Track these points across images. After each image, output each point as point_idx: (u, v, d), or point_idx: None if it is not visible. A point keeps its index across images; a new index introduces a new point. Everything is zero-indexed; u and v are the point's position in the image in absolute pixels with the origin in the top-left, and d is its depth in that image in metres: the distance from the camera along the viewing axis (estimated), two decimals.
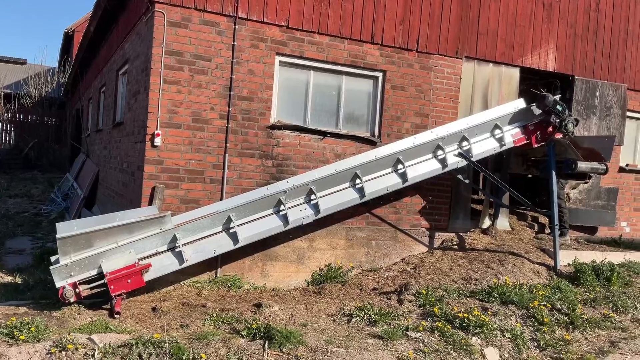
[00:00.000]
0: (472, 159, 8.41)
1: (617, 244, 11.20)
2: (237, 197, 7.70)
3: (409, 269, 9.04)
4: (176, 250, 6.84)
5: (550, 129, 8.83)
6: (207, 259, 7.28)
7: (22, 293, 7.80)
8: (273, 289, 8.44)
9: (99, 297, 6.85)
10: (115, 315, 6.46)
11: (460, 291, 8.15)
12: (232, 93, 8.18)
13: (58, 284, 6.28)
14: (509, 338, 6.85)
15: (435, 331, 6.78)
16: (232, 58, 8.18)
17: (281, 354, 5.84)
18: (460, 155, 8.38)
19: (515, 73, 10.31)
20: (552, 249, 9.28)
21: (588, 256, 9.45)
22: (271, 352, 5.83)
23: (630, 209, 11.80)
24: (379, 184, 7.90)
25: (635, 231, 11.86)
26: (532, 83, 10.87)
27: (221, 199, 8.13)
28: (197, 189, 8.07)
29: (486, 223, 10.23)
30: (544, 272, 8.83)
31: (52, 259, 6.84)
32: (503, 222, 10.30)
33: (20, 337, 5.59)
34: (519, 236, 10.19)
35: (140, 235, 6.65)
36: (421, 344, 6.51)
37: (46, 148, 25.32)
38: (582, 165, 8.80)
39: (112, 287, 6.42)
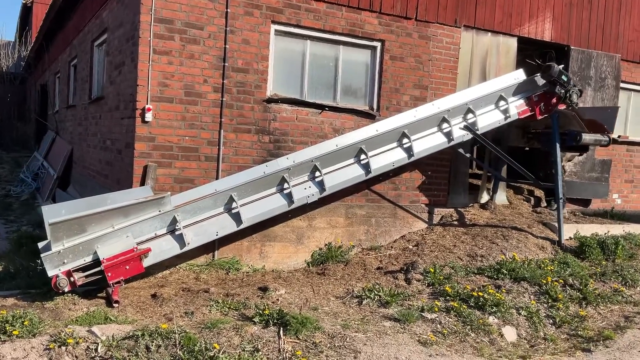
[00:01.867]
0: (477, 131, 8.11)
1: (609, 215, 11.14)
2: (236, 175, 7.25)
3: (410, 247, 8.76)
4: (176, 233, 6.38)
5: (554, 100, 8.60)
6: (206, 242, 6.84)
7: (4, 282, 7.24)
8: (273, 271, 8.06)
9: (93, 284, 6.36)
10: (114, 305, 6.00)
11: (468, 268, 7.92)
12: (226, 64, 7.66)
13: (50, 273, 5.77)
14: (524, 316, 6.65)
15: (451, 311, 6.53)
16: (226, 26, 7.63)
17: (298, 341, 5.49)
18: (466, 128, 8.07)
19: (513, 43, 10.01)
20: (554, 223, 9.14)
21: (588, 229, 9.35)
22: (287, 340, 5.48)
23: (621, 181, 11.76)
24: (384, 159, 7.55)
25: (626, 203, 11.85)
26: (528, 54, 10.59)
27: (217, 178, 7.66)
28: (191, 167, 7.57)
29: (484, 198, 10.02)
30: (548, 246, 8.67)
31: (40, 245, 6.29)
32: (501, 196, 10.10)
33: (14, 332, 5.10)
34: (518, 210, 10.02)
35: (138, 218, 6.16)
36: (438, 325, 6.25)
37: (8, 126, 24.14)
38: (587, 137, 8.61)
39: (109, 274, 5.94)
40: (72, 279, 5.81)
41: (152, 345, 5.12)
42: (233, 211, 6.70)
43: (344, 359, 5.18)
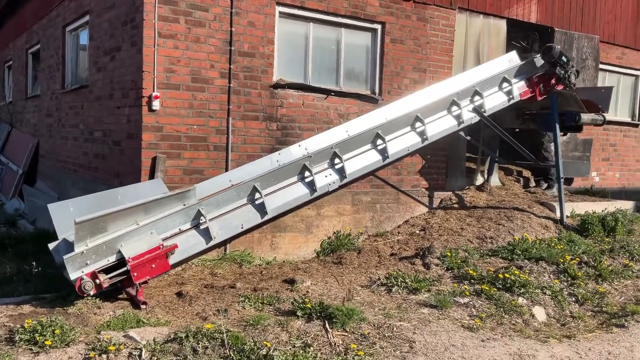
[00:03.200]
0: (485, 114, 8.10)
1: (590, 193, 11.47)
2: (249, 165, 6.93)
3: (417, 232, 8.70)
4: (201, 227, 6.03)
5: (553, 81, 8.69)
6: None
7: (1, 287, 6.69)
8: (285, 262, 7.80)
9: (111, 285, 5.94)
10: (142, 306, 5.61)
11: (480, 251, 7.93)
12: (232, 48, 7.29)
13: (73, 275, 5.32)
14: (549, 295, 6.70)
15: (482, 295, 6.51)
16: (231, 8, 7.25)
17: (346, 334, 5.31)
18: (474, 110, 8.03)
19: (503, 25, 10.06)
20: (552, 202, 9.31)
21: (583, 207, 9.57)
22: (335, 333, 5.29)
23: (599, 159, 12.12)
24: (400, 144, 7.41)
25: (604, 180, 12.23)
26: (512, 36, 10.69)
27: (226, 168, 7.32)
28: (200, 157, 7.19)
29: (479, 180, 10.08)
30: (551, 225, 8.80)
31: (51, 246, 5.82)
32: (494, 178, 10.19)
33: (46, 342, 4.68)
34: (512, 191, 10.14)
35: (162, 213, 5.77)
36: (473, 310, 6.21)
37: None
38: (585, 117, 8.76)
39: (135, 274, 5.54)
40: (97, 281, 5.38)
41: (198, 346, 4.83)
42: (257, 202, 6.40)
43: (400, 349, 5.04)
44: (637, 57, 12.52)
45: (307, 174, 6.72)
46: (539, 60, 8.73)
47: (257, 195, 6.37)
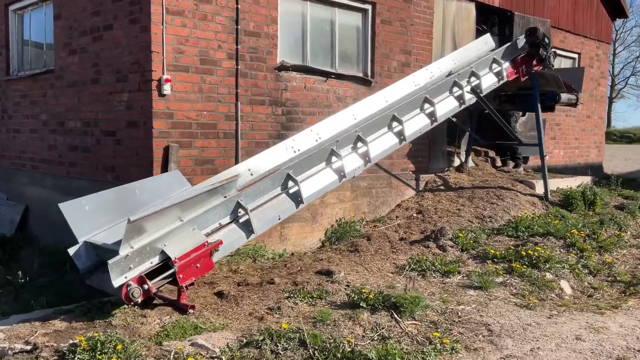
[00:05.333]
0: (481, 94, 8.17)
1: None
2: (266, 152, 6.39)
3: (415, 215, 8.65)
4: (240, 220, 5.52)
5: (534, 62, 8.94)
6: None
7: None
8: (293, 254, 7.45)
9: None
10: (190, 311, 5.06)
11: (485, 230, 8.03)
12: (238, 27, 6.77)
13: (117, 282, 4.66)
14: (568, 269, 6.89)
15: (514, 273, 6.57)
16: None
17: (417, 322, 5.13)
18: (472, 91, 8.07)
19: (473, 8, 10.23)
20: (531, 180, 9.67)
21: (554, 184, 10.00)
22: (407, 322, 5.08)
23: (548, 138, 12.72)
24: (413, 126, 7.25)
25: (552, 158, 12.88)
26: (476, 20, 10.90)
27: (236, 157, 6.83)
28: (211, 146, 6.63)
29: (457, 161, 10.22)
30: (538, 202, 9.11)
31: (71, 251, 5.11)
32: (470, 159, 10.38)
33: None
34: (487, 171, 10.38)
35: (203, 207, 5.21)
36: (512, 288, 6.26)
37: None
38: (563, 97, 9.11)
39: (180, 275, 4.97)
40: (145, 286, 4.77)
41: (278, 348, 4.46)
42: (291, 191, 5.97)
43: (480, 334, 4.93)
44: (576, 41, 13.28)
45: (334, 159, 6.39)
46: (520, 42, 8.94)
47: (290, 183, 5.95)
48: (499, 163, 11.11)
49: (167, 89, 6.12)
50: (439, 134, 9.55)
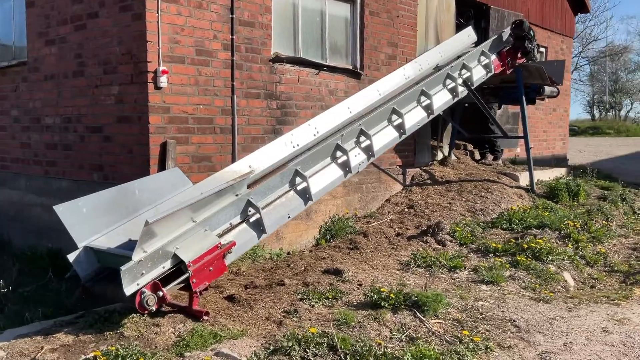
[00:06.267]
0: (472, 87, 8.11)
1: (516, 163, 12.15)
2: (265, 148, 6.07)
3: (405, 209, 8.53)
4: (251, 219, 5.22)
5: (519, 55, 8.96)
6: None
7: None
8: (290, 253, 7.21)
9: None
10: (204, 317, 4.74)
11: (480, 223, 7.99)
12: (233, 16, 6.43)
13: (129, 289, 4.29)
14: (567, 260, 6.91)
15: (519, 266, 6.52)
16: None
17: (442, 321, 4.98)
18: (464, 83, 7.99)
19: (453, 1, 10.18)
20: (514, 173, 9.72)
21: (535, 176, 10.07)
22: (432, 322, 4.93)
23: (520, 131, 12.86)
24: (411, 119, 7.10)
25: (523, 151, 13.02)
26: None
27: (233, 153, 6.51)
28: (207, 142, 6.28)
29: (439, 155, 10.17)
30: (524, 194, 9.15)
31: (71, 257, 4.68)
32: (451, 153, 10.36)
33: None
34: (469, 164, 10.38)
35: (215, 206, 4.89)
36: (522, 282, 6.20)
37: None
38: (547, 89, 9.17)
39: (194, 280, 4.65)
40: (160, 293, 4.42)
41: (308, 354, 4.22)
42: (299, 188, 5.70)
43: (508, 330, 4.83)
44: (544, 35, 13.48)
45: (339, 153, 6.16)
46: (505, 35, 8.94)
47: (298, 180, 5.69)
48: (477, 156, 11.14)
49: (163, 81, 5.73)
50: (423, 127, 9.40)
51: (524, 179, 9.64)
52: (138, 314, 4.65)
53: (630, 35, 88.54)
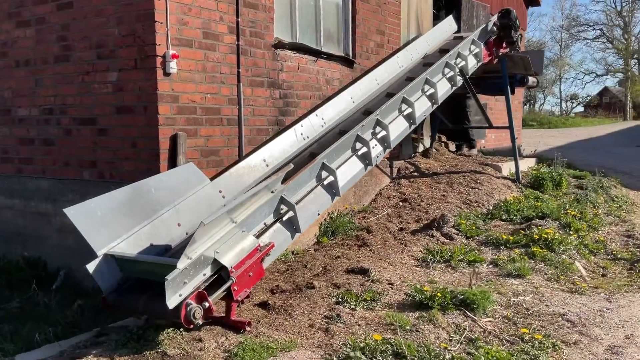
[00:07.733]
0: (467, 75, 7.95)
1: (484, 153, 12.23)
2: (277, 140, 5.69)
3: (400, 203, 8.27)
4: (284, 218, 4.76)
5: (504, 45, 8.91)
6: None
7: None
8: (293, 251, 6.75)
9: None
10: (247, 328, 4.26)
11: (478, 215, 7.86)
12: None
13: (173, 302, 3.75)
14: (574, 250, 6.89)
15: (536, 257, 6.41)
16: None
17: (492, 319, 4.76)
18: (460, 72, 7.81)
19: None
20: (497, 163, 9.70)
21: (513, 166, 10.11)
22: (484, 321, 4.69)
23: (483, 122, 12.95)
24: (419, 109, 6.82)
25: (487, 141, 13.16)
26: None
27: (239, 146, 6.00)
28: (215, 134, 5.73)
29: (420, 147, 10.00)
30: (511, 184, 9.13)
31: (91, 268, 4.08)
32: (433, 145, 10.23)
33: None
34: (449, 155, 10.28)
35: (252, 205, 4.40)
36: (544, 274, 6.09)
37: None
38: (530, 79, 9.18)
39: (235, 287, 4.16)
40: (206, 304, 3.90)
41: None
42: (325, 182, 5.29)
43: (562, 326, 4.67)
44: None
45: (358, 145, 5.78)
46: (490, 24, 8.86)
47: (324, 174, 5.27)
48: (452, 147, 11.08)
49: (173, 66, 5.14)
50: None
51: (506, 169, 9.64)
52: (173, 329, 4.12)
53: (542, 32, 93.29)
